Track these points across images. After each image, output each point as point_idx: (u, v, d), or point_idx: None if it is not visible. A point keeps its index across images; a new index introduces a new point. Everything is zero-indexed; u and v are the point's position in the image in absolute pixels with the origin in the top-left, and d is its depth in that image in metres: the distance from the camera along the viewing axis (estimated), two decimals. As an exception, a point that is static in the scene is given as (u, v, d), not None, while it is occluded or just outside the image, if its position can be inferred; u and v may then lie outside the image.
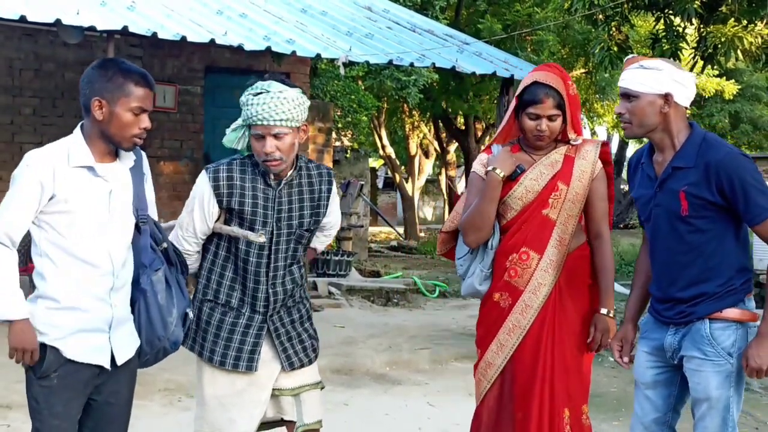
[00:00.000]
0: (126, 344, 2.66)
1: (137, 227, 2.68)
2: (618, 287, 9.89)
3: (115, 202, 2.59)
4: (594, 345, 3.10)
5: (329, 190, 3.06)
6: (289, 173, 2.95)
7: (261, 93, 2.83)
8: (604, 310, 3.09)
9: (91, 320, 2.56)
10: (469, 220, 3.17)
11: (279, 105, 2.82)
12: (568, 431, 3.08)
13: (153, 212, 2.79)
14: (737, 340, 2.72)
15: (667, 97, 2.69)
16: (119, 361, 2.63)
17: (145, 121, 2.57)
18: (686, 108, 2.76)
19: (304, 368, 3.08)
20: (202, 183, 2.92)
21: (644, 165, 2.88)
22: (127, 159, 2.66)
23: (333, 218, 3.18)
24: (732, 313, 2.71)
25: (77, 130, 2.59)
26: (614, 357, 3.01)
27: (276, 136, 2.83)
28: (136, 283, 2.66)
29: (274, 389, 3.04)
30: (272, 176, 2.91)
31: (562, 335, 3.09)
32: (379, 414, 5.14)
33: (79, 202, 2.53)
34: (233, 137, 2.96)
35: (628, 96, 2.74)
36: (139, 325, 2.66)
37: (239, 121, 2.92)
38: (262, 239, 2.88)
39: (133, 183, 2.66)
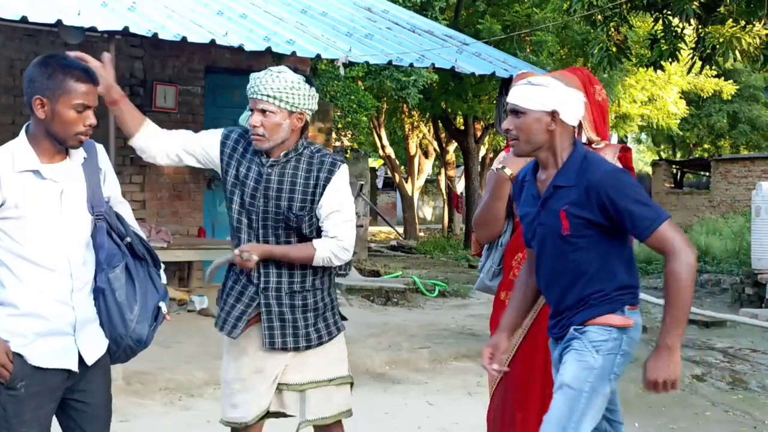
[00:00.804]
0: (94, 344, 2.60)
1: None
2: (641, 295, 9.93)
3: (67, 203, 2.52)
4: None
5: (327, 179, 2.97)
6: (281, 154, 2.96)
7: (265, 71, 2.93)
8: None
9: (53, 325, 2.51)
10: (479, 216, 3.23)
11: (270, 81, 2.88)
12: None
13: (119, 206, 2.72)
14: (609, 340, 2.66)
15: (553, 115, 2.64)
16: (89, 362, 2.58)
17: (90, 118, 2.49)
18: (573, 127, 2.72)
19: (312, 364, 3.07)
20: (217, 131, 3.07)
21: (528, 183, 2.83)
22: (77, 156, 2.58)
23: (325, 206, 2.97)
24: (607, 319, 2.67)
25: (22, 132, 2.52)
26: (482, 362, 2.91)
27: (263, 112, 2.88)
28: (94, 281, 2.60)
29: (280, 383, 3.06)
30: (264, 154, 2.95)
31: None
32: (379, 413, 5.15)
33: (29, 206, 2.46)
34: (245, 115, 3.05)
35: (516, 112, 2.69)
36: (101, 324, 2.61)
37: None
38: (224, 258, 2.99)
39: (87, 179, 2.58)
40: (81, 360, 2.56)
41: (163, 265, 2.80)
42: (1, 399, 2.48)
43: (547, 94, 2.64)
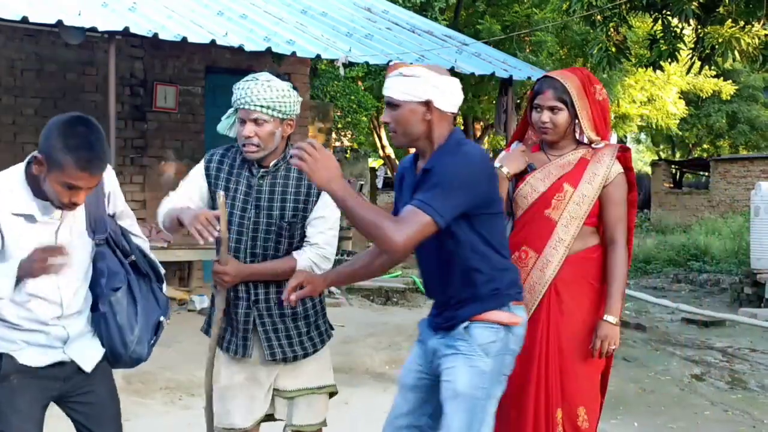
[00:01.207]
0: (89, 352, 2.62)
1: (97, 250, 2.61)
2: (639, 294, 9.94)
3: (62, 239, 2.50)
4: (594, 352, 3.06)
5: (321, 191, 2.94)
6: (270, 164, 2.96)
7: (250, 80, 2.90)
8: (609, 318, 3.05)
9: (42, 340, 2.53)
10: None
11: (262, 92, 2.87)
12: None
13: (125, 220, 2.72)
14: (497, 341, 2.60)
15: (428, 104, 2.58)
16: (87, 369, 2.60)
17: (76, 197, 2.42)
18: (452, 114, 2.65)
19: (304, 371, 3.07)
20: (199, 163, 3.09)
21: (407, 171, 2.79)
22: None
23: (315, 223, 2.97)
24: (494, 315, 2.61)
25: (23, 167, 2.50)
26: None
27: (256, 122, 2.88)
28: (95, 305, 2.60)
29: (273, 389, 3.06)
30: (255, 164, 2.95)
31: (558, 336, 3.08)
32: (379, 412, 5.08)
33: (23, 247, 2.43)
34: (225, 123, 3.03)
35: (391, 104, 2.63)
36: (102, 344, 2.62)
37: (233, 108, 2.98)
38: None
39: (87, 207, 2.56)
40: (79, 368, 2.59)
41: (164, 276, 2.81)
42: None
43: (418, 85, 2.56)
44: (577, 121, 3.15)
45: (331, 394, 3.18)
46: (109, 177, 2.65)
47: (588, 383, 3.15)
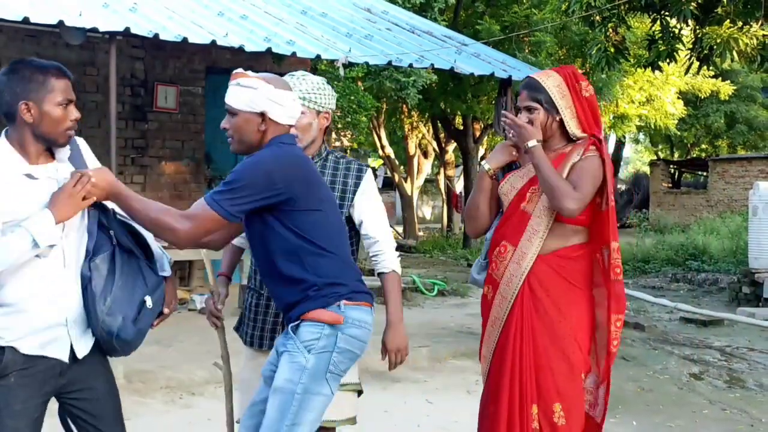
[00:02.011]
0: (85, 337, 2.61)
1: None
2: (638, 294, 9.96)
3: None
4: None
5: (357, 185, 3.04)
6: (309, 157, 2.95)
7: (285, 77, 2.94)
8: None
9: (47, 318, 2.52)
10: (465, 210, 3.35)
11: (298, 84, 2.95)
12: (536, 426, 3.06)
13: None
14: (321, 338, 2.66)
15: (263, 116, 2.67)
16: (80, 354, 2.58)
17: (74, 112, 2.52)
18: (290, 126, 2.74)
19: None
20: None
21: None
22: (63, 154, 2.60)
23: (366, 219, 3.04)
24: (317, 314, 2.66)
25: (3, 140, 2.52)
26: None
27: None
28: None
29: None
30: None
31: (533, 331, 3.07)
32: (379, 411, 5.15)
33: (23, 210, 2.45)
34: None
35: (230, 112, 2.72)
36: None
37: None
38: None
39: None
40: (73, 354, 2.57)
41: (168, 258, 2.80)
42: None
43: (254, 96, 2.65)
44: (558, 118, 3.13)
45: (359, 393, 3.16)
46: (86, 150, 2.70)
47: (565, 380, 3.10)
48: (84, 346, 2.60)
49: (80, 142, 2.71)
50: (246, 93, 2.67)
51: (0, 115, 2.52)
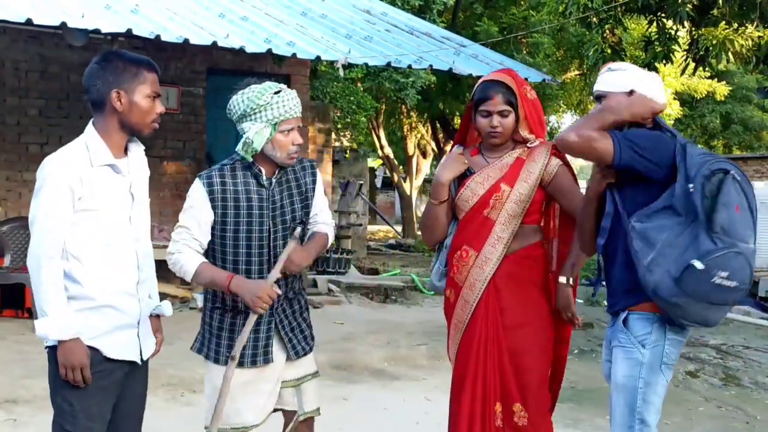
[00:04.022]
0: (149, 340, 2.69)
1: None
2: None
3: (136, 195, 2.63)
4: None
5: (314, 182, 3.11)
6: (277, 171, 3.02)
7: (279, 91, 2.92)
8: (561, 279, 3.16)
9: (123, 317, 2.57)
10: (422, 219, 3.41)
11: (294, 99, 2.97)
12: (499, 425, 3.12)
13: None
14: (653, 332, 2.76)
15: (631, 94, 2.85)
16: (145, 356, 2.66)
17: (160, 106, 2.60)
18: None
19: (305, 358, 3.14)
20: (196, 190, 2.96)
21: None
22: (137, 149, 2.67)
23: (318, 203, 3.14)
24: (648, 305, 2.74)
25: (91, 129, 2.57)
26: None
27: (298, 127, 2.99)
28: None
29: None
30: (264, 176, 2.97)
31: (497, 332, 3.12)
32: (378, 409, 5.21)
33: (105, 200, 2.52)
34: (260, 141, 2.92)
35: (599, 98, 2.92)
36: None
37: (260, 124, 2.91)
38: (292, 244, 2.96)
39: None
40: (139, 354, 2.65)
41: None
42: (65, 393, 2.52)
43: (624, 77, 2.88)
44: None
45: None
46: (145, 163, 2.77)
47: (529, 379, 3.15)
48: (149, 348, 2.68)
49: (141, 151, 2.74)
50: (616, 75, 2.89)
51: (88, 104, 2.58)
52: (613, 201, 2.83)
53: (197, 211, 2.94)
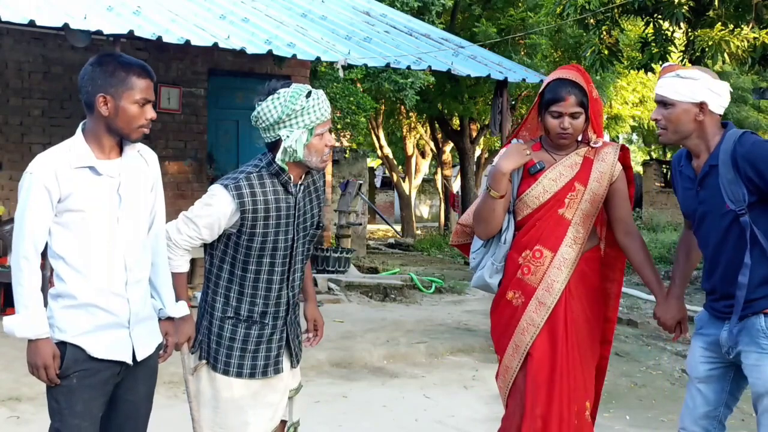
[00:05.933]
0: (146, 341, 2.66)
1: None
2: (632, 291, 10.05)
3: (124, 197, 2.58)
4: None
5: (324, 183, 3.07)
6: (304, 176, 2.92)
7: (309, 94, 2.79)
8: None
9: (108, 317, 2.55)
10: (476, 211, 3.19)
11: (326, 99, 2.85)
12: (575, 422, 3.09)
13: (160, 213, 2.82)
14: None
15: (702, 106, 2.71)
16: (139, 357, 2.62)
17: (151, 112, 2.56)
18: (719, 115, 2.79)
19: (296, 369, 3.08)
20: (226, 202, 2.78)
21: (683, 167, 2.92)
22: (132, 151, 2.63)
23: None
24: None
25: (78, 131, 2.58)
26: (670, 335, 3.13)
27: (330, 131, 2.90)
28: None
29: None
30: (290, 182, 2.85)
31: (576, 332, 3.08)
32: (377, 406, 5.23)
33: (86, 201, 2.50)
34: (300, 146, 2.80)
35: (664, 103, 2.76)
36: None
37: (299, 130, 2.78)
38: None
39: (143, 173, 2.68)
40: (133, 355, 2.62)
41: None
42: (53, 391, 2.53)
43: (695, 87, 2.69)
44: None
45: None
46: (156, 166, 2.77)
47: (591, 378, 3.17)
48: (144, 349, 2.65)
49: (154, 157, 2.74)
50: (687, 84, 2.71)
51: (82, 104, 2.59)
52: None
53: (217, 219, 2.81)
